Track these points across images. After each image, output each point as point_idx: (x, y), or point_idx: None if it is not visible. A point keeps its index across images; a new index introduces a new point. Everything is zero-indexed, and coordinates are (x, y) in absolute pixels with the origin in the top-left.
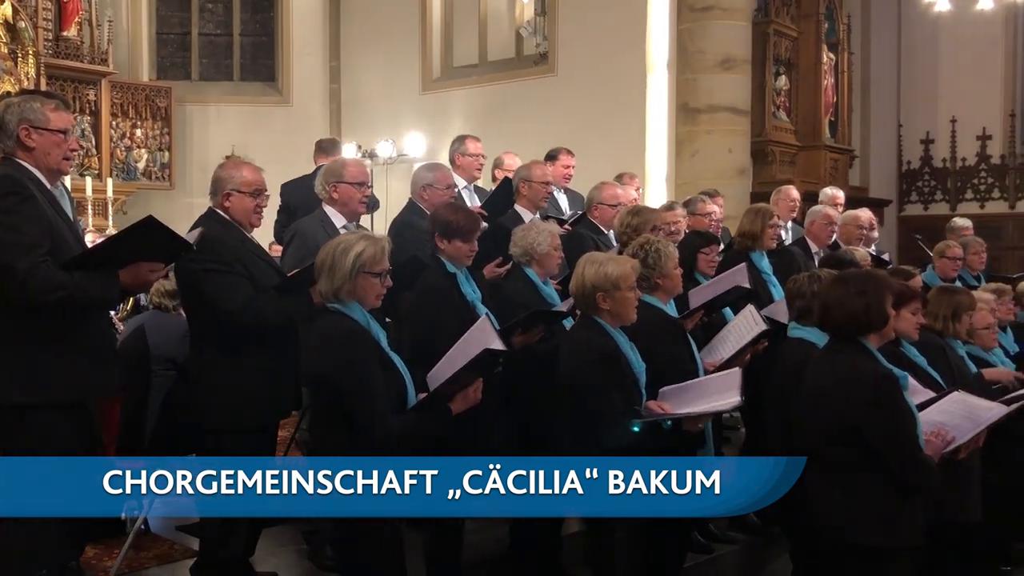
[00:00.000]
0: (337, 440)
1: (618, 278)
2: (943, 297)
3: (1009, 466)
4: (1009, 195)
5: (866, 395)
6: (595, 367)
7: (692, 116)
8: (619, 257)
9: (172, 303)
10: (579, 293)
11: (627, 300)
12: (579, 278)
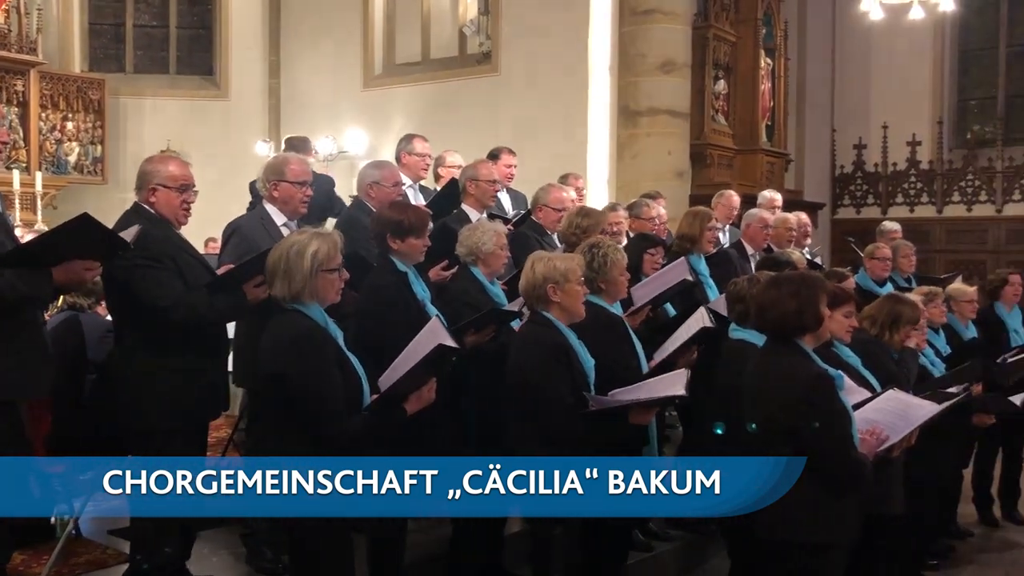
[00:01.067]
0: (290, 441)
1: (567, 271)
2: (885, 304)
3: (932, 463)
4: (937, 200)
5: (801, 395)
6: (545, 361)
7: (633, 118)
8: (566, 254)
9: (87, 302)
10: (530, 288)
11: (576, 293)
12: (529, 273)
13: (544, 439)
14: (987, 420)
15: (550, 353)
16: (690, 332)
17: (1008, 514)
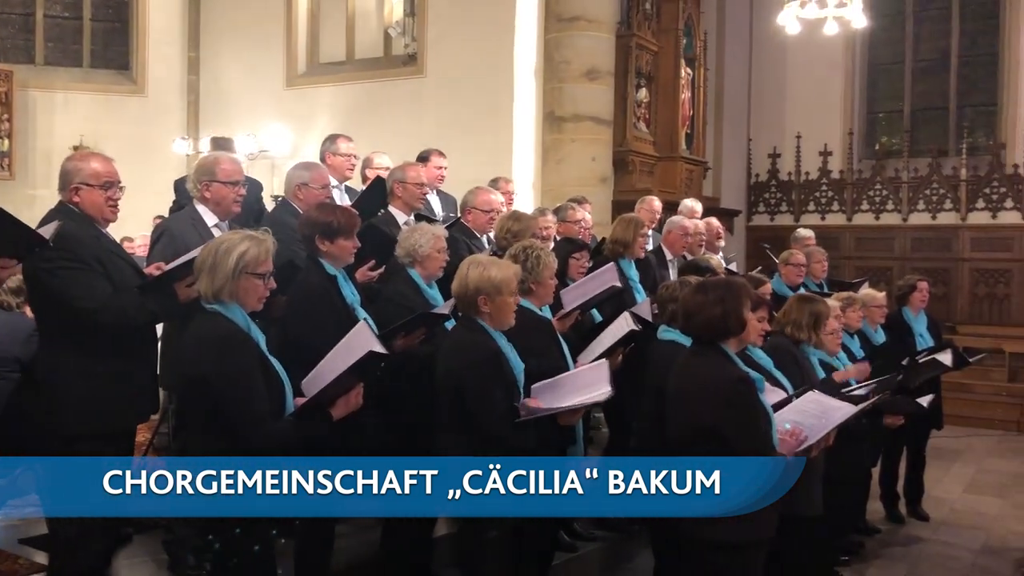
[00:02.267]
0: (212, 445)
1: (501, 282)
2: (804, 306)
3: (845, 462)
4: (847, 208)
5: (723, 397)
6: (476, 367)
7: (558, 124)
8: (503, 261)
9: (16, 300)
10: (461, 295)
11: (507, 305)
12: (462, 280)
13: (475, 445)
14: (897, 421)
15: (483, 359)
16: (615, 336)
17: (913, 511)
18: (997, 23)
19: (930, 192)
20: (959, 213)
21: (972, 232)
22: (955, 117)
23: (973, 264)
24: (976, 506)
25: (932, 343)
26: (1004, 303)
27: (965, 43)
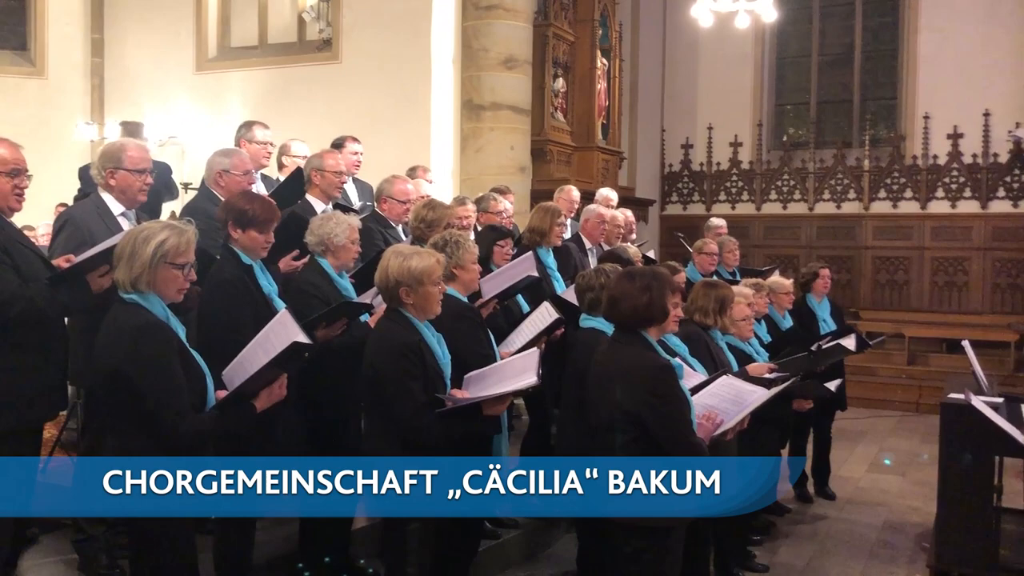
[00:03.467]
0: (129, 440)
1: (422, 273)
2: (709, 292)
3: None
4: (756, 198)
5: (645, 384)
6: (397, 359)
7: (476, 112)
8: (424, 251)
9: None
10: (383, 286)
11: (430, 295)
12: (383, 271)
13: (397, 436)
14: (806, 405)
15: (402, 351)
16: (536, 325)
17: (820, 490)
18: (897, 20)
19: (835, 182)
20: (862, 203)
21: (874, 221)
22: (858, 110)
23: (875, 252)
24: (879, 484)
25: (835, 328)
26: (904, 289)
27: (868, 38)
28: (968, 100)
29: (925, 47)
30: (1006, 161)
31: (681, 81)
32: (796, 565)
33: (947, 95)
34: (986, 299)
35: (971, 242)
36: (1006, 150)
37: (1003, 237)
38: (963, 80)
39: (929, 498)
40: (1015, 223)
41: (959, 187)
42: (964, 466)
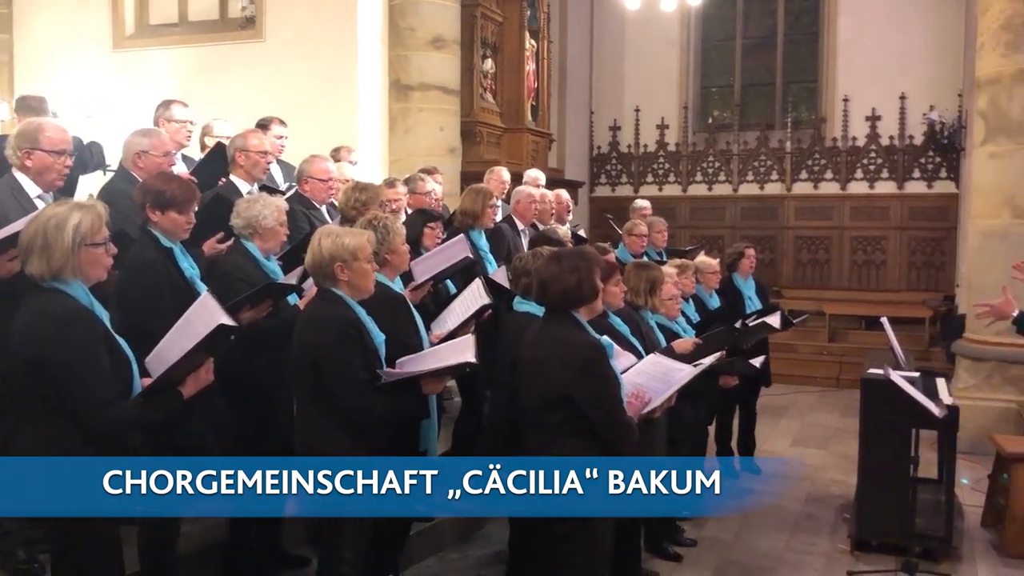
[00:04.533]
0: (47, 431)
1: (355, 249)
2: (640, 273)
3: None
4: (682, 179)
5: (577, 364)
6: (338, 336)
7: (405, 93)
8: (355, 229)
9: None
10: (316, 265)
11: (365, 271)
12: (315, 250)
13: (339, 417)
14: (731, 381)
15: (342, 329)
16: (467, 306)
17: (746, 464)
18: (818, 4)
19: (758, 164)
20: (784, 184)
21: (796, 202)
22: (781, 93)
23: (797, 232)
24: (802, 458)
25: (760, 306)
26: (824, 268)
27: (790, 22)
28: (885, 83)
29: (844, 31)
30: (921, 143)
31: (609, 63)
32: (724, 539)
33: (865, 78)
34: (902, 277)
35: (888, 222)
36: (921, 132)
37: (918, 217)
38: (881, 64)
39: (850, 471)
40: (930, 203)
41: (877, 168)
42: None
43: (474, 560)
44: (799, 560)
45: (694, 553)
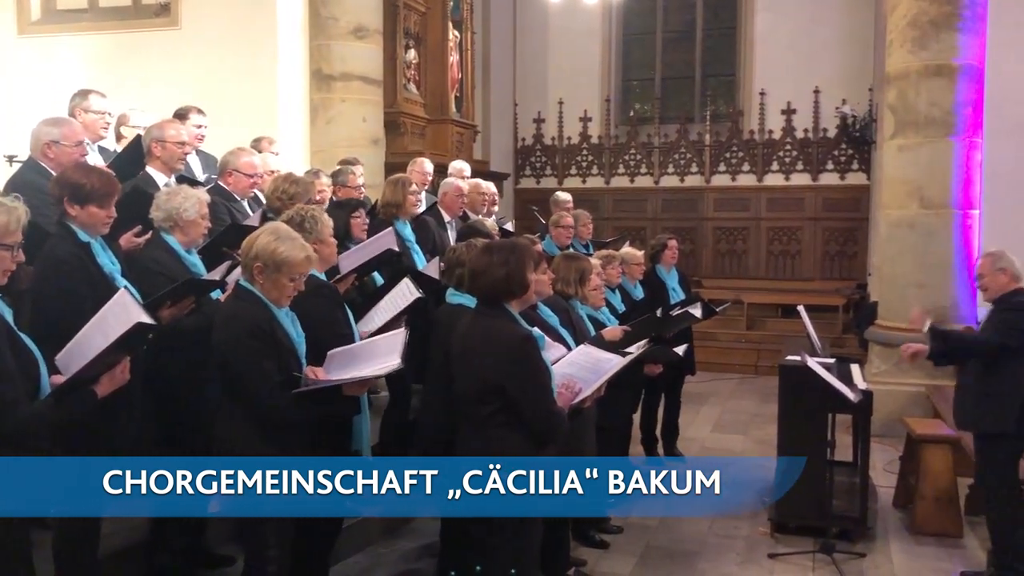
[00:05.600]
0: None
1: (283, 262)
2: (570, 264)
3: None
4: (605, 172)
5: (508, 355)
6: (247, 338)
7: (326, 83)
8: (300, 242)
9: None
10: (244, 253)
11: (283, 287)
12: (252, 240)
13: (253, 419)
14: (656, 370)
15: (251, 330)
16: (396, 303)
17: (669, 451)
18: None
19: (678, 156)
20: (704, 176)
21: (715, 193)
22: (700, 86)
23: (716, 223)
24: (723, 443)
25: (683, 296)
26: (742, 258)
27: (708, 16)
28: (800, 78)
29: (761, 25)
30: (834, 136)
31: (532, 55)
32: (649, 525)
33: (781, 72)
34: (817, 266)
35: (803, 213)
36: (834, 125)
37: (832, 208)
38: (795, 58)
39: (769, 455)
40: (842, 194)
41: (792, 160)
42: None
43: (403, 553)
44: (721, 544)
45: (620, 540)
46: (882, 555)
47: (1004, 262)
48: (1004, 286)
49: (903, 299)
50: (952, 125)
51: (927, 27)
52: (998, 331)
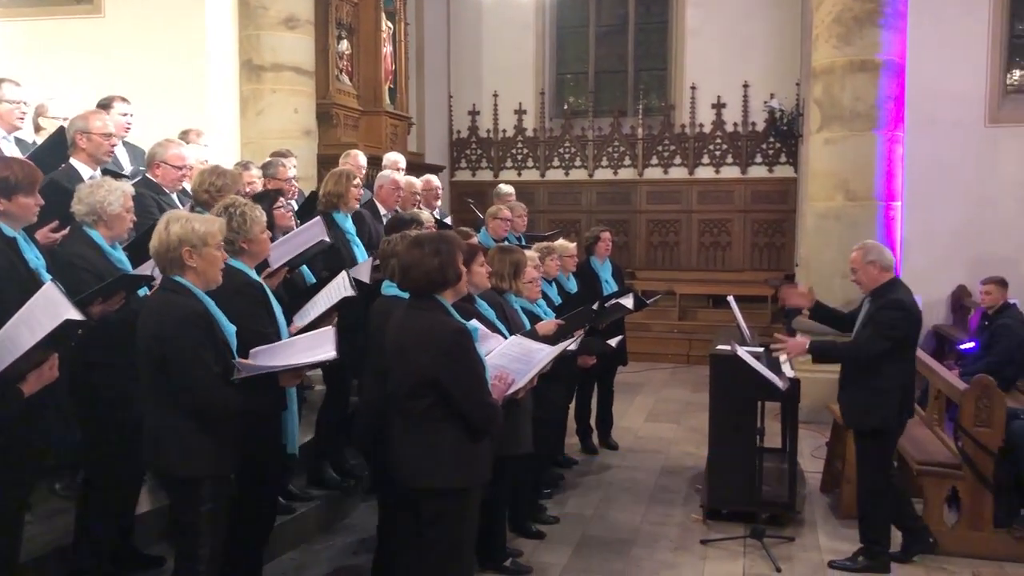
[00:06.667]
0: None
1: (206, 234)
2: (504, 256)
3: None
4: (540, 165)
5: (442, 348)
6: (187, 328)
7: (257, 73)
8: (205, 216)
9: None
10: (163, 251)
11: (214, 258)
12: (163, 235)
13: (190, 412)
14: (589, 361)
15: (190, 319)
16: (331, 297)
17: (604, 441)
18: None
19: (612, 150)
20: (637, 169)
21: (648, 187)
22: (632, 80)
23: (649, 215)
24: (656, 432)
25: (617, 288)
26: (674, 250)
27: (640, 11)
28: (730, 72)
29: (692, 20)
30: (763, 130)
31: (467, 48)
32: (584, 514)
33: (711, 67)
34: (746, 257)
35: (733, 205)
36: (763, 119)
37: (760, 200)
38: (725, 52)
39: (701, 443)
40: (770, 187)
41: (722, 154)
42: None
43: (340, 549)
44: (655, 531)
45: (556, 530)
46: (810, 539)
47: (873, 254)
48: (876, 278)
49: (829, 289)
50: (875, 119)
51: (851, 23)
52: (879, 334)
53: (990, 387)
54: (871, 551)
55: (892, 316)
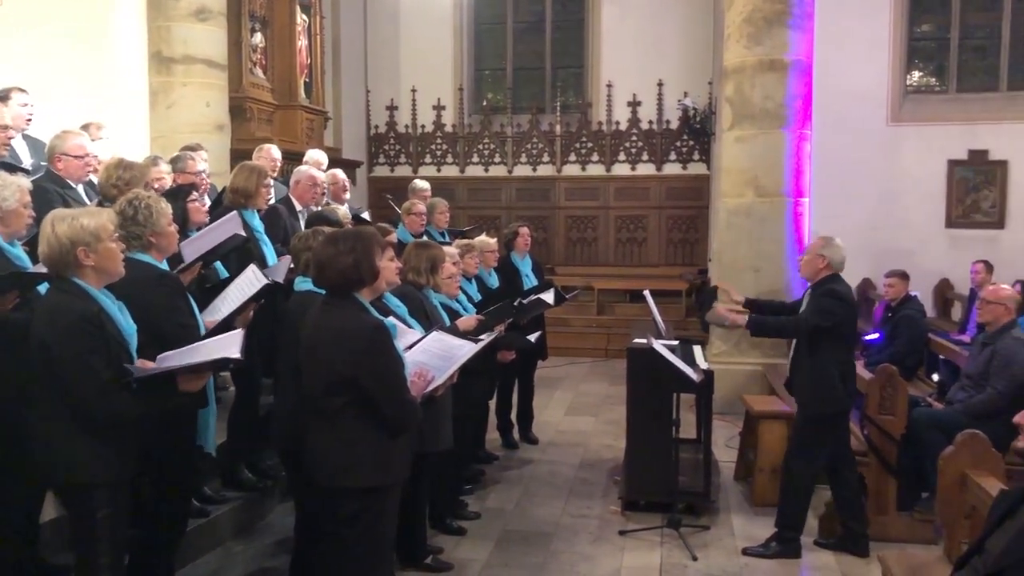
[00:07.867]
0: None
1: (97, 229)
2: (421, 252)
3: (466, 398)
4: (459, 160)
5: (360, 346)
6: (74, 335)
7: (167, 66)
8: (91, 209)
9: None
10: (54, 253)
11: (111, 252)
12: (50, 237)
13: (82, 417)
14: (509, 355)
15: (78, 324)
16: (242, 292)
17: (525, 436)
18: None
19: (531, 147)
20: (555, 166)
21: (566, 183)
22: (550, 77)
23: (567, 212)
24: (576, 426)
25: (537, 282)
26: (592, 246)
27: (557, 8)
28: (645, 70)
29: (608, 19)
30: (677, 128)
31: (384, 42)
32: (505, 509)
33: (627, 65)
34: (662, 253)
35: (648, 201)
36: (677, 117)
37: (675, 196)
38: (640, 51)
39: (619, 436)
40: (685, 184)
41: (638, 151)
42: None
43: (257, 551)
44: (575, 524)
45: (477, 525)
46: (724, 527)
47: (829, 252)
48: (818, 272)
49: (741, 283)
50: (784, 117)
51: (761, 23)
52: (816, 313)
53: (894, 376)
54: (783, 536)
55: (830, 303)
